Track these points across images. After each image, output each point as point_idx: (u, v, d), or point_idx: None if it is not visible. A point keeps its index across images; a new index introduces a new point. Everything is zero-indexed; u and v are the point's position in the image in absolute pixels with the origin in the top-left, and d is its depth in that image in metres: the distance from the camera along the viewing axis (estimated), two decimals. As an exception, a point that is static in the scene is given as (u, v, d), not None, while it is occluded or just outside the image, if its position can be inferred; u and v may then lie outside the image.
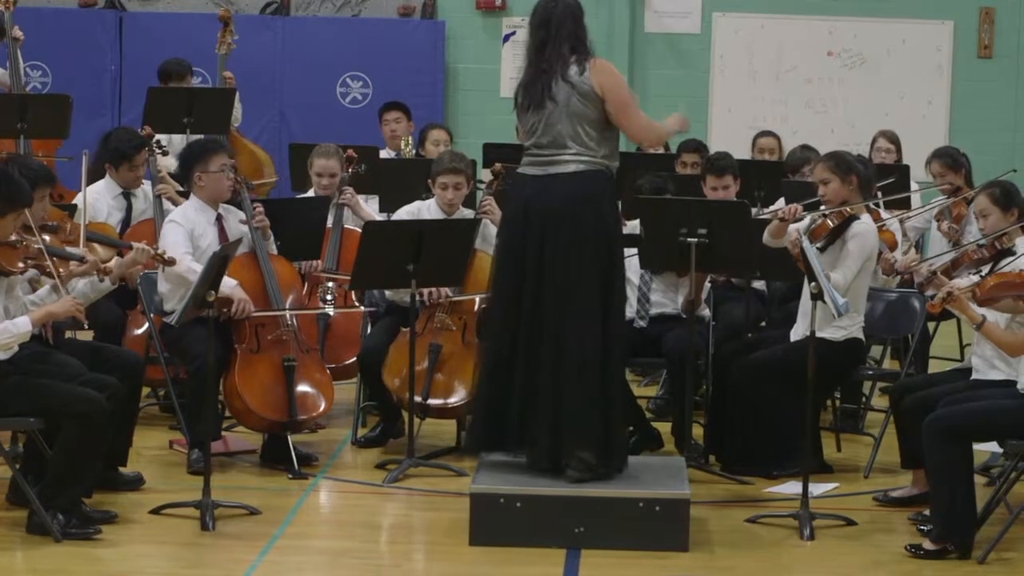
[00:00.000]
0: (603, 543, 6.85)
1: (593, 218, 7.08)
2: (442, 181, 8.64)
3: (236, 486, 7.71)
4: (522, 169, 7.24)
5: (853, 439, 8.93)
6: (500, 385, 7.14)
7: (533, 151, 7.17)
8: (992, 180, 7.78)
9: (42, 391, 6.86)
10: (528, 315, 7.06)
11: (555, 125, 7.10)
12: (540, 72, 7.14)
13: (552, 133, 7.11)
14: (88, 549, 6.77)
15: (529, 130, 7.18)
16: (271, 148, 12.59)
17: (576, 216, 7.05)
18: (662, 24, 14.60)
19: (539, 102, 7.11)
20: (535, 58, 7.18)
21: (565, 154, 7.10)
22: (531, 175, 7.16)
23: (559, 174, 7.09)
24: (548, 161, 7.12)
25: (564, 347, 7.01)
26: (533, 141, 7.16)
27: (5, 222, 6.82)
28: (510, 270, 7.15)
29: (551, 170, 7.11)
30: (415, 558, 7.10)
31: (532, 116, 7.15)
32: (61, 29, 14.24)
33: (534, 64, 7.18)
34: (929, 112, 14.42)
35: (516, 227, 7.14)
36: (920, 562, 6.84)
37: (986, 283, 6.81)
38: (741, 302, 8.97)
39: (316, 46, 14.43)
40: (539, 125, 7.12)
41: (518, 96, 7.23)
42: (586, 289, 7.04)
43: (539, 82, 7.12)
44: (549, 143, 7.11)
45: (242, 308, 7.95)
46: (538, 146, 7.14)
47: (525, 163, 7.22)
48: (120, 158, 9.06)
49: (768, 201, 9.61)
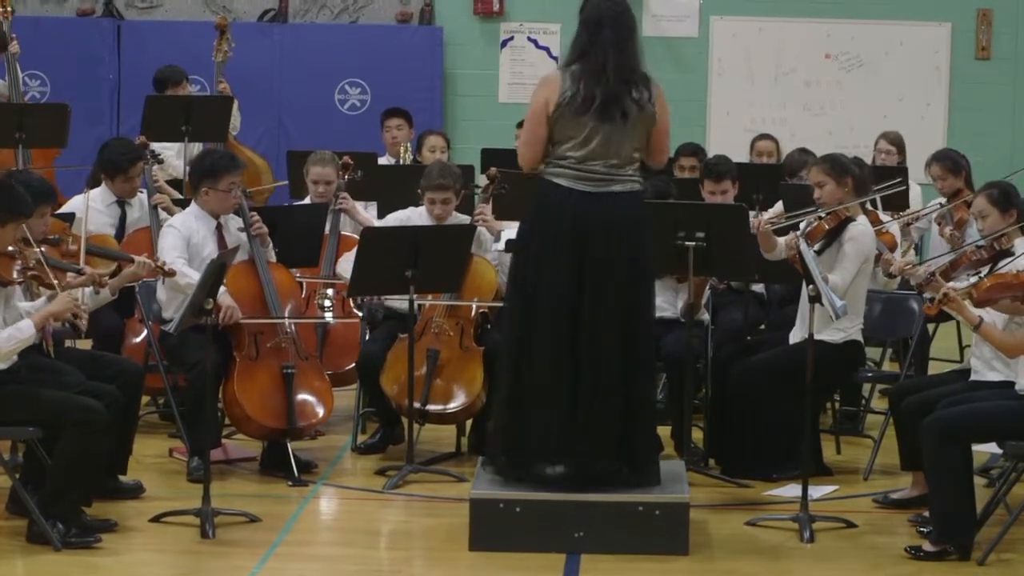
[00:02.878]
0: (603, 548, 6.85)
1: (648, 240, 7.05)
2: (429, 196, 8.68)
3: (236, 494, 7.70)
4: (567, 183, 6.87)
5: (853, 441, 8.93)
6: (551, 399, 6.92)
7: (587, 166, 6.84)
8: (991, 181, 7.78)
9: (41, 400, 6.87)
10: (589, 331, 6.87)
11: (621, 143, 6.87)
12: (610, 81, 6.81)
13: (614, 150, 6.87)
14: (88, 558, 6.77)
15: (582, 139, 6.84)
16: (270, 155, 12.59)
17: (641, 237, 6.95)
18: (660, 28, 14.61)
19: (608, 115, 6.83)
20: (602, 60, 6.84)
21: (624, 174, 6.92)
22: (582, 191, 6.85)
23: (621, 193, 6.89)
24: (606, 179, 6.87)
25: (630, 368, 6.91)
26: (584, 153, 6.84)
27: (4, 232, 6.83)
28: (561, 286, 6.88)
29: (611, 188, 6.88)
30: (415, 564, 7.10)
31: (590, 125, 6.82)
32: (59, 38, 14.26)
33: (602, 68, 6.83)
34: (927, 114, 14.43)
35: (565, 242, 6.85)
36: (920, 564, 6.84)
37: (983, 284, 6.81)
38: (740, 305, 8.97)
39: (314, 53, 14.45)
40: (596, 137, 6.84)
41: (577, 97, 6.82)
42: (646, 309, 7.03)
43: (609, 92, 6.81)
44: (609, 160, 6.86)
45: (229, 315, 7.94)
46: (591, 159, 6.84)
47: (570, 176, 6.87)
48: (115, 170, 9.07)
49: (767, 205, 9.61)
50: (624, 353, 6.91)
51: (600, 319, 6.88)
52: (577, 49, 6.95)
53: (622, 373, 6.91)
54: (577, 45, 6.95)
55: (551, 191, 6.93)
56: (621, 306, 6.90)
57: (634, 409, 6.97)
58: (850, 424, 9.19)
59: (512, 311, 7.11)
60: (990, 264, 7.43)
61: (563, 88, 6.85)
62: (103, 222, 9.01)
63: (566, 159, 6.90)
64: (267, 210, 9.09)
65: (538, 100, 6.94)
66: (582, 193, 6.88)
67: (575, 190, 6.89)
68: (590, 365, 6.89)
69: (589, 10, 6.98)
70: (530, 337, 6.95)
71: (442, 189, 8.66)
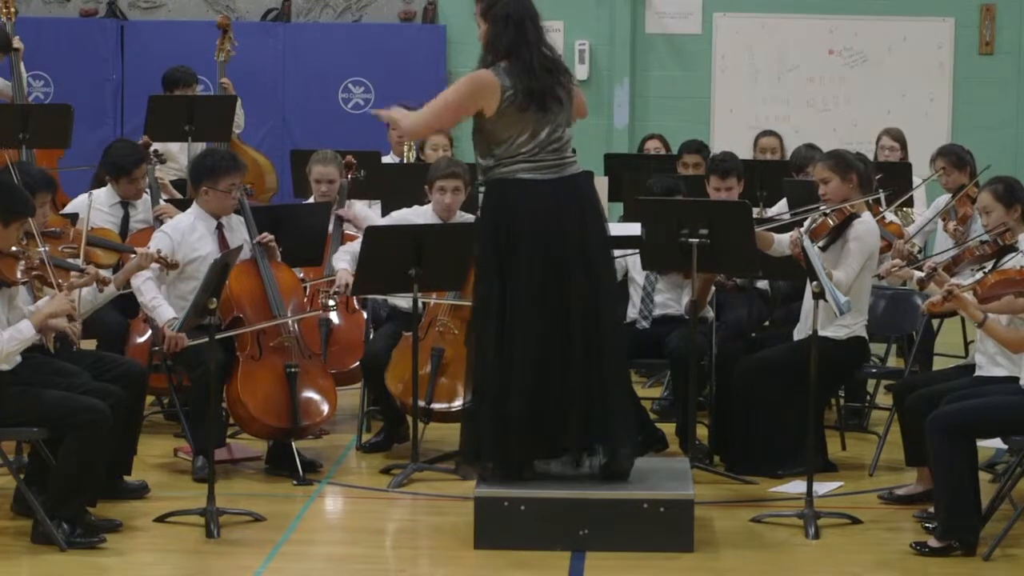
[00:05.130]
0: (608, 545, 6.85)
1: (603, 212, 7.27)
2: (440, 185, 8.64)
3: (241, 493, 7.71)
4: (528, 175, 6.97)
5: (858, 437, 8.93)
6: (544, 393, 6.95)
7: (539, 156, 6.97)
8: (995, 176, 7.77)
9: (45, 401, 6.87)
10: (579, 316, 6.95)
11: (563, 129, 7.03)
12: (539, 74, 6.99)
13: (558, 137, 7.02)
14: (93, 558, 6.77)
15: (530, 133, 6.97)
16: (273, 155, 12.60)
17: (600, 211, 7.17)
18: (663, 25, 14.61)
19: (546, 106, 6.98)
20: (531, 56, 6.98)
21: (571, 157, 7.10)
22: (542, 179, 6.96)
23: (576, 175, 7.06)
24: (558, 165, 7.02)
25: (613, 345, 7.03)
26: (533, 146, 6.96)
27: (8, 232, 6.84)
28: (545, 277, 6.94)
29: (566, 172, 7.04)
30: (420, 563, 7.10)
31: (535, 118, 6.96)
32: (62, 39, 14.26)
33: (531, 63, 6.98)
34: (931, 109, 14.42)
35: (542, 232, 6.94)
36: (925, 559, 6.83)
37: (987, 281, 6.80)
38: (744, 302, 8.96)
39: (317, 52, 14.46)
40: (543, 129, 6.97)
41: (517, 94, 6.95)
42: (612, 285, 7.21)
43: (544, 84, 6.98)
44: (556, 147, 7.02)
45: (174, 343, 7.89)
46: (541, 150, 6.98)
47: (529, 168, 6.98)
48: (119, 172, 9.07)
49: (771, 201, 9.61)
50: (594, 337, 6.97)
51: (572, 302, 6.95)
52: (504, 47, 7.02)
53: (592, 356, 6.96)
54: (502, 43, 7.02)
55: (512, 186, 7.02)
56: (593, 285, 6.99)
57: (604, 391, 6.99)
58: (855, 420, 9.19)
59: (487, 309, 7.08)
60: (994, 260, 7.42)
61: (503, 87, 6.96)
62: (107, 223, 9.01)
63: (519, 154, 7.00)
64: (270, 209, 9.09)
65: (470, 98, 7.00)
66: (545, 181, 6.99)
67: (539, 180, 6.99)
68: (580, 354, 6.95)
69: (504, 8, 7.06)
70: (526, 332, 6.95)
71: (453, 176, 8.64)
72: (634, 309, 8.81)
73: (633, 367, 9.20)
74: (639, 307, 8.76)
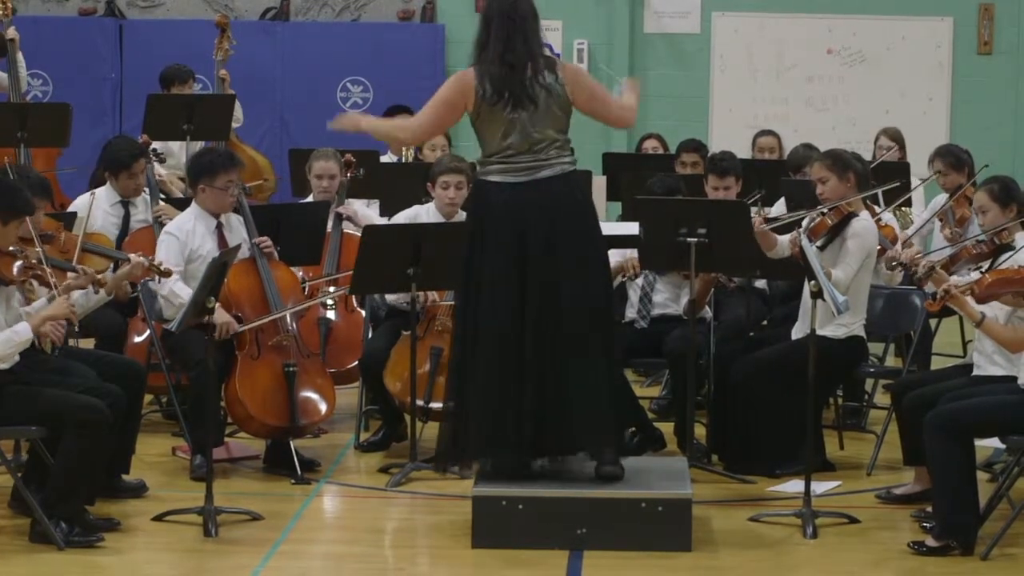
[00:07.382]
0: (606, 544, 6.85)
1: (592, 217, 7.14)
2: (443, 180, 8.64)
3: (239, 492, 7.71)
4: (498, 178, 6.97)
5: (855, 437, 8.93)
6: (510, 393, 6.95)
7: (513, 158, 6.93)
8: (991, 176, 7.77)
9: (44, 400, 6.87)
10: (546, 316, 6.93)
11: (541, 129, 6.95)
12: (513, 68, 6.93)
13: (536, 137, 6.95)
14: (91, 557, 6.77)
15: (502, 133, 6.92)
16: (272, 154, 12.61)
17: (581, 213, 7.04)
18: (662, 24, 14.62)
19: (519, 104, 6.93)
20: (498, 52, 6.94)
21: (551, 158, 6.99)
22: (513, 183, 6.94)
23: (551, 177, 6.96)
24: (532, 166, 6.96)
25: (586, 347, 6.96)
26: (506, 145, 6.92)
27: (7, 230, 6.84)
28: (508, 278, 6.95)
29: (540, 175, 6.95)
30: (418, 561, 7.10)
31: (508, 117, 6.92)
32: (61, 37, 14.27)
33: (499, 61, 6.94)
34: (930, 109, 14.43)
35: (506, 234, 6.94)
36: (923, 559, 6.83)
37: (984, 280, 6.80)
38: (743, 301, 8.97)
39: (316, 51, 14.46)
40: (515, 129, 6.92)
41: (487, 93, 6.92)
42: (601, 284, 7.09)
43: (513, 82, 6.93)
44: (532, 148, 6.95)
45: (225, 330, 7.87)
46: (514, 151, 6.93)
47: (500, 171, 6.96)
48: (118, 167, 9.08)
49: (769, 201, 9.61)
50: (577, 342, 6.94)
51: (545, 312, 6.91)
52: (478, 45, 7.07)
53: (578, 362, 6.93)
54: (477, 42, 7.08)
55: (486, 189, 7.05)
56: (568, 290, 6.93)
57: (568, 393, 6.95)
58: (853, 419, 9.19)
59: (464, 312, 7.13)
60: (991, 259, 7.43)
61: (475, 86, 6.98)
62: (108, 222, 9.03)
63: (494, 156, 7.01)
64: (269, 208, 9.09)
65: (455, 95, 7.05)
66: (513, 184, 6.97)
67: (506, 183, 6.98)
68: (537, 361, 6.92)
69: (486, 6, 7.12)
70: (488, 333, 6.97)
71: (456, 172, 8.64)
72: (632, 309, 8.82)
73: (631, 366, 9.22)
74: (637, 307, 8.77)
